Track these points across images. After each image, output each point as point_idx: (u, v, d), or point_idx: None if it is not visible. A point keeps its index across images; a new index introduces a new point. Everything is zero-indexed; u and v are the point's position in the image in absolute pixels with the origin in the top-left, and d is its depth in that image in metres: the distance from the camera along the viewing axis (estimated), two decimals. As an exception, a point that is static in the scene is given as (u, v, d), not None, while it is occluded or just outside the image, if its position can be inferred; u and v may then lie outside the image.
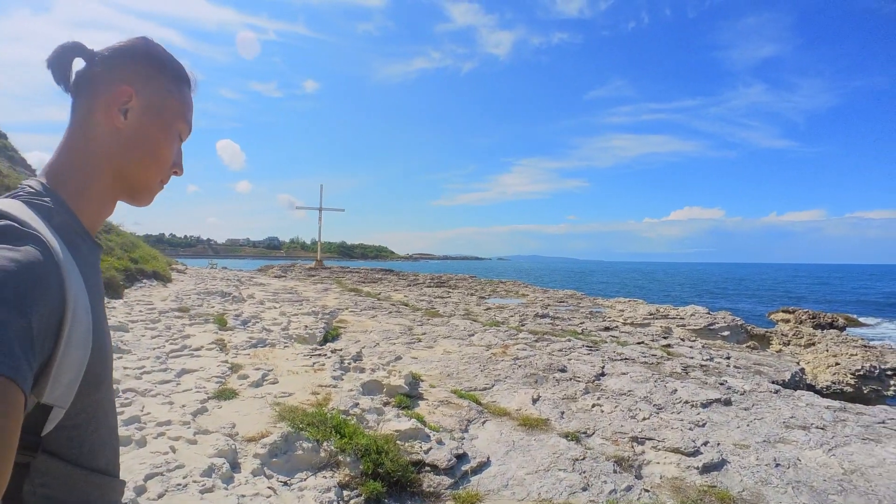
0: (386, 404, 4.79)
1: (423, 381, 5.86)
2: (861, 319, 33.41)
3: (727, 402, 5.87)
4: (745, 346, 15.50)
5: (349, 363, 5.94)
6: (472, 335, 9.50)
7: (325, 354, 6.36)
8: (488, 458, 3.74)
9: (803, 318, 25.32)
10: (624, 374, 6.98)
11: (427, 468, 3.51)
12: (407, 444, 3.71)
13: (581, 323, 12.93)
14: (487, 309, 14.83)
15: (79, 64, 0.86)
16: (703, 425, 4.92)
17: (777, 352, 16.05)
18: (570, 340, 9.44)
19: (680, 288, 70.73)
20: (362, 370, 5.68)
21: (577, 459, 3.71)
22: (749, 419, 5.20)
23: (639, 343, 10.35)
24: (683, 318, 16.79)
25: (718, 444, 4.40)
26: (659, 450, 4.14)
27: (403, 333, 9.42)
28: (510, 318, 12.48)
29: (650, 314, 17.20)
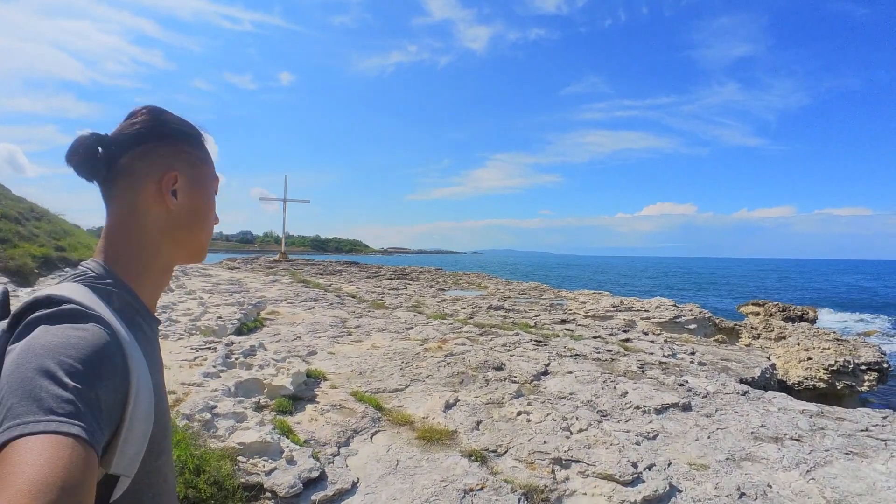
0: (261, 408, 3.90)
1: (325, 380, 4.98)
2: (823, 313, 33.60)
3: (686, 408, 5.09)
4: (712, 339, 14.98)
5: (237, 358, 4.99)
6: (411, 328, 8.63)
7: (215, 348, 5.40)
8: (354, 484, 2.87)
9: (773, 310, 24.99)
10: (570, 372, 6.19)
11: (267, 494, 2.63)
12: (250, 462, 2.83)
13: (537, 315, 12.15)
14: (441, 301, 13.98)
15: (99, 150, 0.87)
16: (654, 437, 4.13)
17: (746, 346, 15.57)
18: (517, 334, 8.63)
19: (650, 281, 71.08)
20: (249, 367, 4.75)
21: (471, 490, 2.85)
22: (711, 429, 4.41)
23: (595, 337, 9.61)
24: (648, 311, 16.18)
25: (669, 464, 3.57)
26: (588, 476, 3.27)
27: (334, 326, 8.51)
28: (460, 311, 11.64)
29: (613, 306, 16.55)
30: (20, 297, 7.66)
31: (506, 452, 3.51)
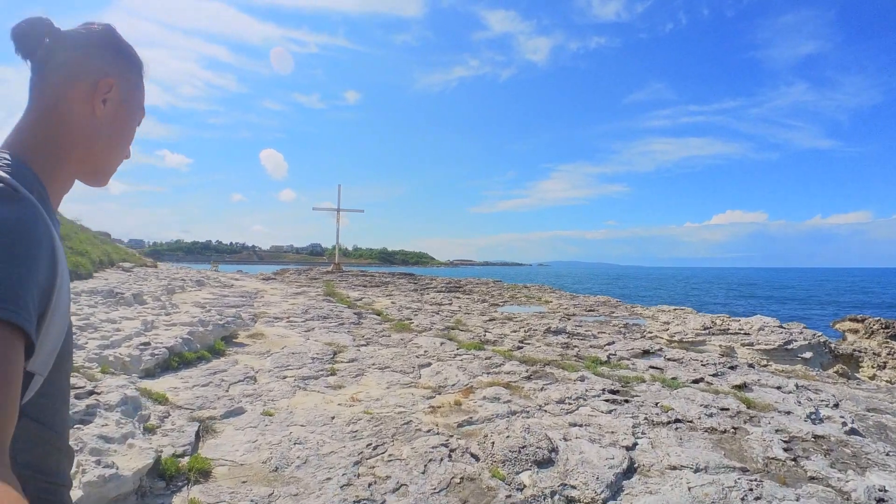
0: None
1: (197, 482, 2.46)
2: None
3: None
4: (832, 372, 11.46)
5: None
6: (427, 366, 6.04)
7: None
8: None
9: (875, 327, 20.72)
10: (673, 468, 3.39)
11: None
12: None
13: (609, 343, 9.21)
14: (488, 321, 11.28)
15: (46, 41, 0.86)
16: None
17: (871, 378, 11.98)
18: (583, 379, 5.85)
19: (725, 295, 64.40)
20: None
21: None
22: None
23: (696, 381, 6.64)
24: (750, 334, 12.74)
25: None
26: None
27: (319, 359, 6.05)
28: (508, 336, 8.90)
29: (704, 328, 13.23)
30: None
31: None
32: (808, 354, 11.79)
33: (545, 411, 4.62)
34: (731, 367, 8.24)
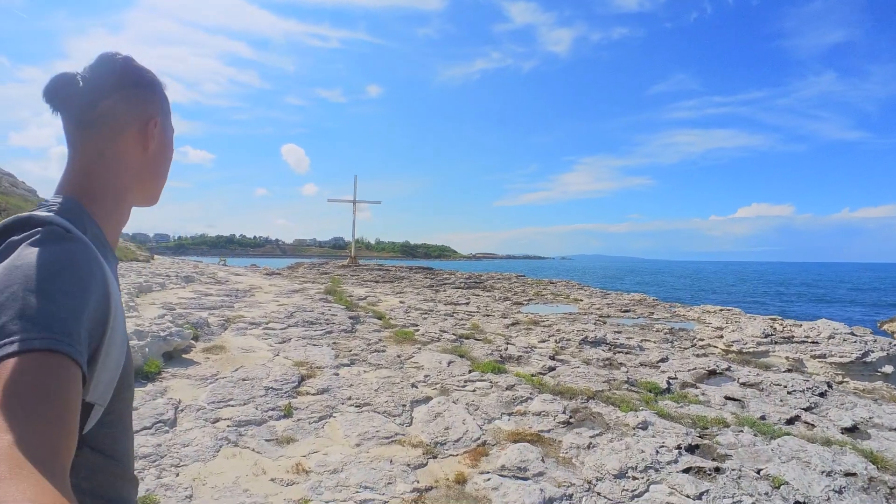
0: None
1: None
2: None
3: None
4: (915, 387, 9.44)
5: None
6: (425, 401, 4.33)
7: None
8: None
9: None
10: None
11: None
12: None
13: (662, 360, 7.40)
14: (510, 326, 9.52)
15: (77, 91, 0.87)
16: None
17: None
18: (645, 426, 4.09)
19: (751, 288, 60.74)
20: None
21: None
22: None
23: (790, 422, 4.84)
24: (819, 344, 10.73)
25: None
26: None
27: (279, 388, 4.38)
28: (536, 349, 7.13)
29: (765, 335, 11.27)
30: None
31: None
32: (888, 368, 9.75)
33: (599, 495, 2.89)
34: (821, 395, 6.41)
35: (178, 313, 7.42)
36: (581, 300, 16.17)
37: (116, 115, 0.88)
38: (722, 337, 10.98)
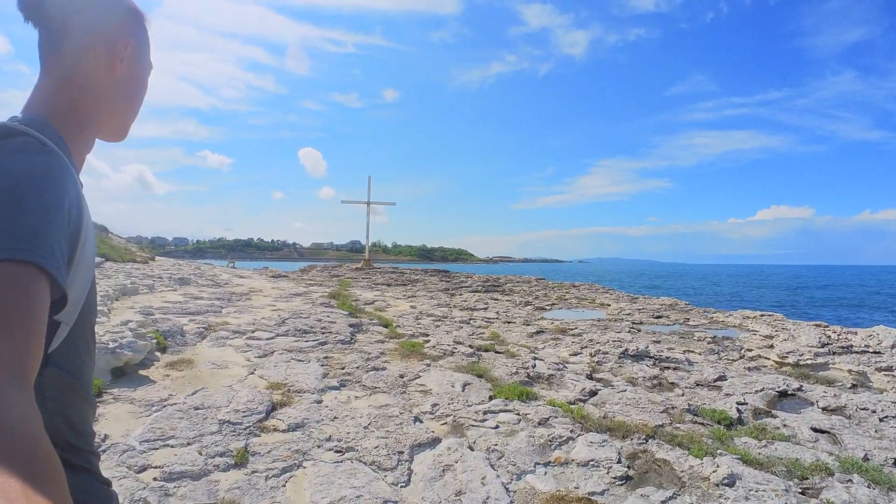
0: None
1: None
2: None
3: None
4: None
5: None
6: (431, 445, 3.21)
7: None
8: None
9: None
10: None
11: None
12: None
13: (720, 378, 6.20)
14: (535, 335, 8.36)
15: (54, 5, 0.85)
16: None
17: None
18: (731, 481, 2.92)
19: (793, 296, 58.13)
20: None
21: None
22: None
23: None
24: (881, 354, 9.41)
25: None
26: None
27: (239, 422, 3.30)
28: (569, 364, 5.97)
29: (822, 345, 9.96)
30: None
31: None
32: (965, 381, 8.37)
33: None
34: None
35: (153, 319, 6.42)
36: (608, 305, 14.92)
37: (86, 30, 0.85)
38: (773, 346, 9.70)
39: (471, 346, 6.38)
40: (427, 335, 7.02)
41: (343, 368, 4.94)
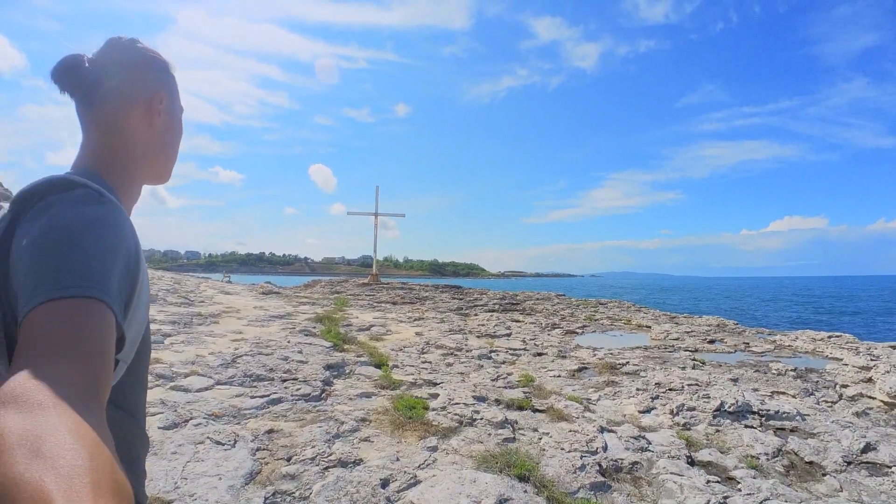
0: None
1: None
2: None
3: None
4: None
5: None
6: None
7: None
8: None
9: None
10: None
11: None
12: None
13: (867, 448, 4.06)
14: (580, 370, 6.28)
15: (84, 71, 0.89)
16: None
17: None
18: None
19: (800, 308, 54.18)
20: None
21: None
22: None
23: None
24: None
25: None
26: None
27: None
28: (647, 431, 3.87)
29: (936, 380, 7.75)
30: None
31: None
32: None
33: None
34: None
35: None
36: (648, 326, 12.74)
37: (122, 92, 0.89)
38: (872, 380, 7.53)
39: (498, 402, 4.30)
40: (434, 381, 4.94)
41: (289, 461, 2.88)
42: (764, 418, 4.84)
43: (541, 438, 3.48)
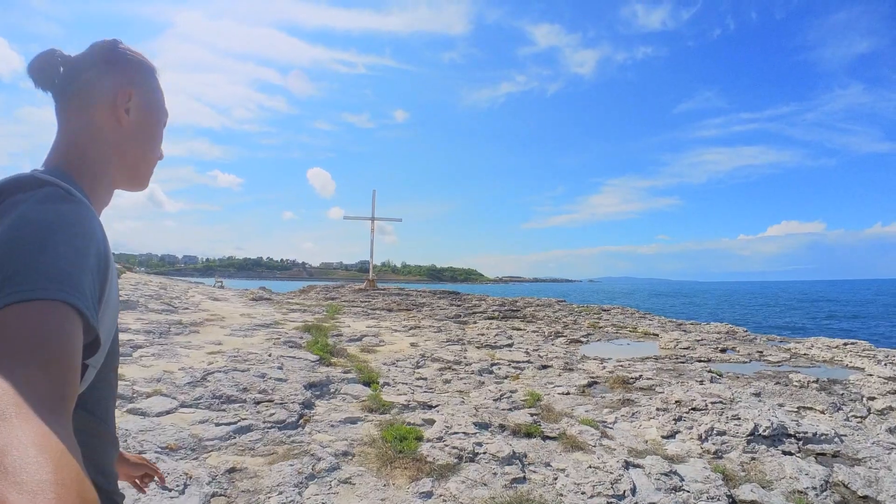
0: None
1: None
2: None
3: None
4: None
5: None
6: None
7: None
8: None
9: None
10: None
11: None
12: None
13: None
14: (590, 385, 5.74)
15: (61, 69, 0.88)
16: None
17: None
18: None
19: (800, 314, 53.15)
20: None
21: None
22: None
23: None
24: None
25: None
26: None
27: None
28: (676, 462, 3.31)
29: (969, 394, 7.22)
30: None
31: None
32: None
33: None
34: None
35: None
36: (656, 334, 12.19)
37: (92, 86, 0.87)
38: (898, 393, 7.01)
39: (503, 429, 3.74)
40: (430, 405, 4.37)
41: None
42: (801, 442, 4.29)
43: (556, 477, 2.92)
